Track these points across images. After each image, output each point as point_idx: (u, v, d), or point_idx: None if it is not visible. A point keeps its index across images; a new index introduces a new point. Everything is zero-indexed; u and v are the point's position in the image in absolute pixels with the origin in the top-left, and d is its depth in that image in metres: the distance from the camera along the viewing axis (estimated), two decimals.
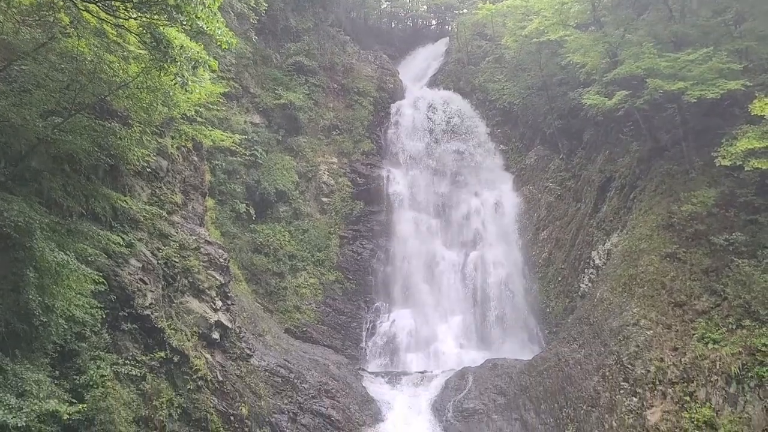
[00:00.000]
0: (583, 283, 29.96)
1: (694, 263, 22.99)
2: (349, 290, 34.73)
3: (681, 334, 21.92)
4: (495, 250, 35.96)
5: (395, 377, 30.27)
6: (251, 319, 27.20)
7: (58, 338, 15.73)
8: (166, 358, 20.69)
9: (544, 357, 27.00)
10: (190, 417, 21.30)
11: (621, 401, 22.29)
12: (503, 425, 25.33)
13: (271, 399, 24.08)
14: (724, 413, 19.64)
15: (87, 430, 17.16)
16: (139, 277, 19.86)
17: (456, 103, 42.84)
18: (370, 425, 25.53)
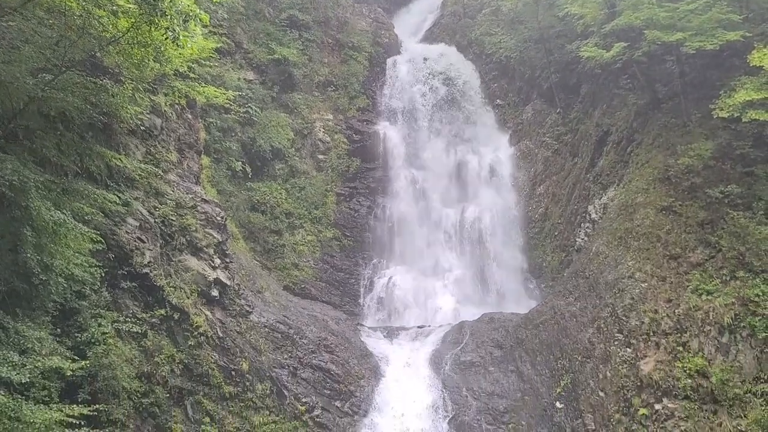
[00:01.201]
0: (579, 238, 30.14)
1: (689, 216, 23.11)
2: (347, 247, 34.90)
3: (675, 286, 22.18)
4: (491, 206, 35.99)
5: (393, 332, 30.67)
6: (250, 277, 27.39)
7: (58, 297, 15.88)
8: (167, 316, 20.96)
9: (540, 310, 27.35)
10: (191, 372, 21.68)
11: (615, 352, 22.68)
12: (500, 377, 25.82)
13: (272, 354, 24.44)
14: (716, 362, 20.03)
15: (90, 386, 17.50)
16: (137, 235, 19.94)
17: (452, 58, 42.21)
18: (369, 378, 25.98)
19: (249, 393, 22.96)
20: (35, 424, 12.63)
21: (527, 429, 23.86)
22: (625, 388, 21.86)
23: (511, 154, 37.58)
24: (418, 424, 24.52)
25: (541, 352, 25.51)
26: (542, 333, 25.95)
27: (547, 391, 24.47)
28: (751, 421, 18.52)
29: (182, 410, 21.23)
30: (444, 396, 25.44)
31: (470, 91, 40.46)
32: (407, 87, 40.13)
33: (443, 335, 29.16)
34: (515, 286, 33.89)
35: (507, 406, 24.72)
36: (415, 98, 39.80)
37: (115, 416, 18.48)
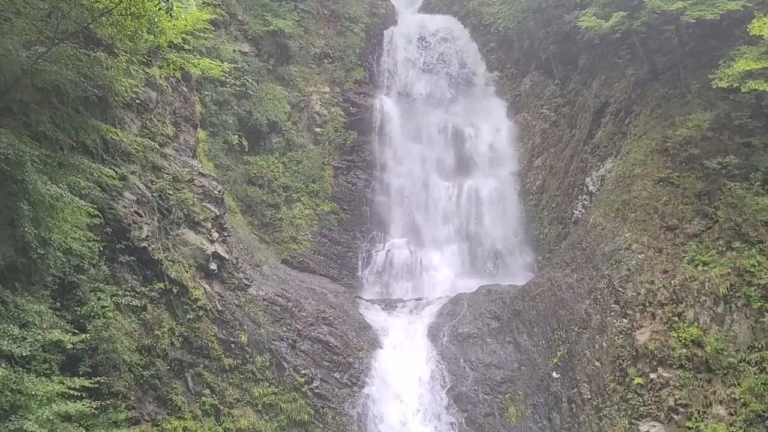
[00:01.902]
0: (576, 210, 30.17)
1: (686, 187, 23.12)
2: (345, 220, 34.92)
3: (672, 257, 22.28)
4: (489, 178, 35.98)
5: (391, 304, 30.87)
6: (248, 250, 27.44)
7: (57, 271, 15.90)
8: (165, 289, 21.03)
9: (537, 282, 27.51)
10: (191, 345, 21.84)
11: (611, 323, 22.87)
12: (497, 348, 26.07)
13: (270, 327, 24.60)
14: (711, 332, 20.22)
15: (91, 359, 17.63)
16: (134, 209, 19.90)
17: (449, 29, 41.79)
18: (368, 350, 26.20)
19: (248, 365, 23.17)
20: (37, 396, 12.76)
21: (524, 399, 24.17)
22: (620, 358, 22.10)
23: (509, 126, 37.43)
24: (416, 394, 24.83)
25: (538, 324, 25.72)
26: (539, 304, 26.13)
27: (543, 361, 24.74)
28: (745, 389, 18.76)
29: (183, 382, 21.43)
30: (442, 367, 25.72)
31: (468, 62, 40.15)
32: (404, 58, 39.79)
33: (441, 307, 29.37)
34: (512, 259, 34.03)
35: (504, 376, 25.01)
36: (412, 70, 39.49)
37: (117, 388, 18.67)
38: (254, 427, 22.42)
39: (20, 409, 12.49)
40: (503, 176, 36.08)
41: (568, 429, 22.79)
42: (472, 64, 40.14)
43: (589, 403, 22.53)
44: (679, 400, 20.26)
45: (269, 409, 23.07)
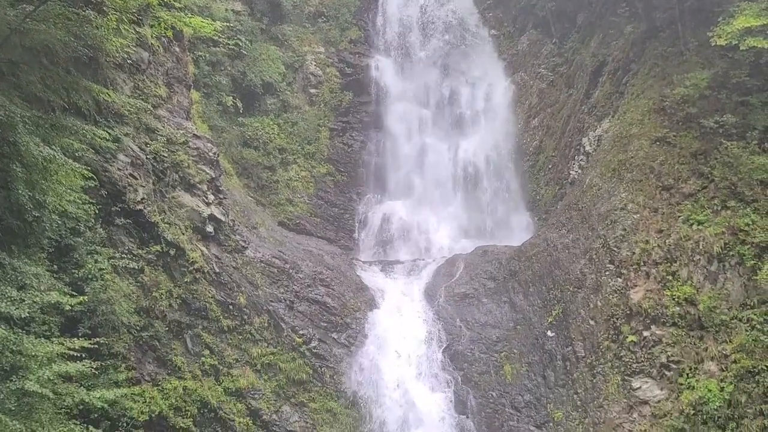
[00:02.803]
0: (572, 170, 30.13)
1: (683, 147, 23.05)
2: (341, 182, 34.86)
3: (667, 216, 22.35)
4: (486, 139, 35.80)
5: (388, 266, 31.05)
6: (244, 213, 27.44)
7: (53, 233, 15.90)
8: (162, 252, 21.08)
9: (533, 242, 27.64)
10: (190, 307, 22.02)
11: (606, 282, 23.07)
12: (493, 308, 26.34)
13: (268, 288, 24.77)
14: (704, 290, 20.43)
15: (90, 320, 17.78)
16: (129, 172, 19.81)
17: None
18: (365, 311, 26.45)
19: (247, 326, 23.41)
20: (37, 357, 12.88)
21: (519, 357, 24.53)
22: (614, 317, 22.36)
23: (506, 86, 37.08)
24: (413, 353, 25.16)
25: (534, 284, 25.93)
26: (535, 265, 26.30)
27: (538, 320, 25.03)
28: (736, 346, 19.04)
29: (182, 343, 21.68)
30: (438, 327, 26.03)
31: (465, 20, 39.47)
32: (400, 17, 39.10)
33: (437, 268, 29.57)
34: (509, 219, 34.12)
35: (500, 335, 25.33)
36: (408, 29, 38.88)
37: (116, 349, 18.90)
38: (254, 386, 22.77)
39: (21, 370, 12.62)
40: (500, 137, 35.89)
41: (562, 386, 23.20)
42: (469, 22, 39.49)
43: (583, 360, 22.89)
44: (671, 357, 20.59)
45: (268, 368, 23.40)
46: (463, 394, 24.01)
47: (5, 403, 12.18)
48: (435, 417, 23.59)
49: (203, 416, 21.41)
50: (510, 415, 23.35)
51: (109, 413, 18.02)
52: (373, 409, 23.72)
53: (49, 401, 13.11)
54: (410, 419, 23.60)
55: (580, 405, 22.39)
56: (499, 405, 23.66)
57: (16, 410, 12.34)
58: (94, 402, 14.39)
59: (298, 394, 23.63)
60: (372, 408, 23.76)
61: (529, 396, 23.67)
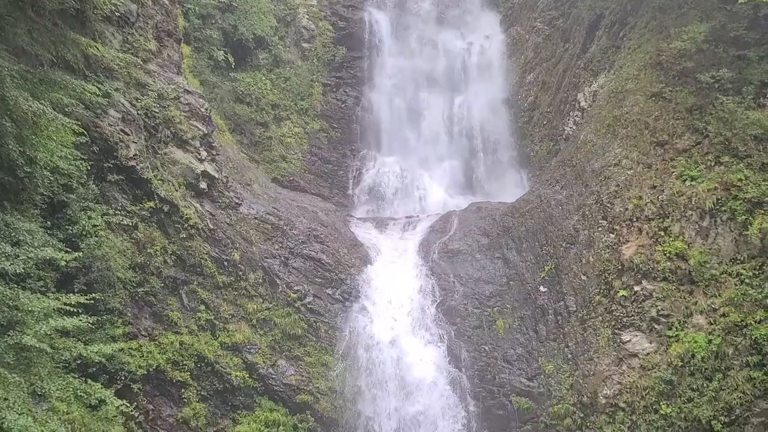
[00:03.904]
0: (567, 126, 30.01)
1: (678, 102, 22.92)
2: (334, 139, 34.64)
3: (661, 172, 22.39)
4: (480, 95, 35.50)
5: (382, 222, 31.11)
6: (238, 169, 27.31)
7: (45, 190, 15.86)
8: (156, 208, 21.07)
9: (527, 199, 27.69)
10: (184, 263, 22.13)
11: (599, 238, 23.25)
12: (486, 263, 26.54)
13: (263, 245, 24.85)
14: (695, 245, 20.62)
15: (85, 276, 17.89)
16: (120, 128, 19.63)
17: None
18: (360, 267, 26.61)
19: (242, 282, 23.57)
20: (34, 312, 12.99)
21: (512, 312, 24.86)
22: (606, 272, 22.61)
23: (501, 39, 36.58)
24: (406, 308, 25.45)
25: (527, 240, 26.10)
26: (528, 221, 26.42)
27: (531, 276, 25.28)
28: (725, 300, 19.34)
29: (178, 299, 21.86)
30: (432, 282, 26.25)
31: None
32: None
33: (431, 225, 29.65)
34: (503, 176, 34.13)
35: (493, 290, 25.60)
36: None
37: (112, 305, 19.06)
38: (250, 341, 23.08)
39: (18, 325, 12.74)
40: (495, 92, 35.59)
41: (553, 340, 23.59)
42: None
43: (575, 315, 23.24)
44: (661, 311, 20.92)
45: (263, 323, 23.67)
46: (456, 347, 24.39)
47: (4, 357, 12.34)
48: (428, 370, 23.98)
49: (200, 370, 21.77)
50: (502, 368, 23.79)
51: (107, 367, 18.33)
52: (367, 363, 24.09)
53: (47, 355, 13.29)
54: (404, 373, 23.99)
55: (571, 358, 22.82)
56: (492, 358, 24.07)
57: (14, 364, 12.51)
58: (92, 356, 14.58)
59: (294, 349, 23.96)
60: (366, 362, 24.13)
61: (521, 349, 24.07)
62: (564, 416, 22.10)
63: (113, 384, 18.32)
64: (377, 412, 23.42)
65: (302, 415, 23.17)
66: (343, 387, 23.70)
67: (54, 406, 14.27)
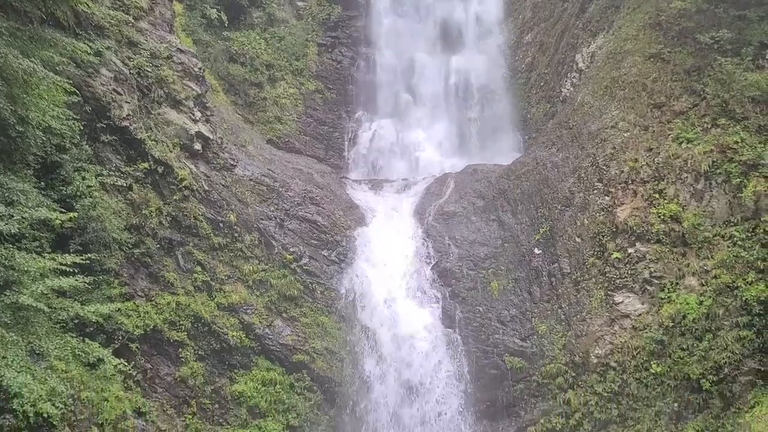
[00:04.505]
0: (564, 88, 29.77)
1: (677, 63, 22.73)
2: (330, 100, 34.32)
3: (657, 134, 22.33)
4: (477, 56, 35.07)
5: (378, 184, 31.06)
6: (232, 131, 27.11)
7: (38, 150, 15.73)
8: (150, 169, 20.95)
9: (523, 161, 27.63)
10: (180, 224, 22.12)
11: (594, 200, 23.30)
12: (481, 226, 26.62)
13: (258, 206, 24.83)
14: (689, 208, 20.70)
15: (81, 237, 17.88)
16: (113, 87, 19.40)
17: None
18: (355, 229, 26.67)
19: (238, 243, 23.62)
20: (30, 272, 13.02)
21: (506, 273, 25.04)
22: (600, 234, 22.73)
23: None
24: (402, 270, 25.61)
25: (523, 202, 26.13)
26: (524, 183, 26.41)
27: (526, 238, 25.39)
28: (717, 262, 19.52)
29: (173, 260, 21.92)
30: (427, 244, 26.37)
31: None
32: None
33: (427, 187, 29.63)
34: (499, 138, 33.94)
35: (487, 253, 25.74)
36: None
37: (108, 266, 19.10)
38: (246, 302, 23.25)
39: (14, 285, 12.80)
40: (492, 54, 35.16)
41: (547, 301, 23.84)
42: None
43: (569, 276, 23.43)
44: (654, 273, 21.12)
45: (260, 285, 23.81)
46: (450, 309, 24.65)
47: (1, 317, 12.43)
48: (423, 331, 24.27)
49: (197, 330, 21.98)
50: (496, 328, 24.07)
51: (104, 327, 18.46)
52: (363, 324, 24.35)
53: (44, 315, 13.39)
54: (399, 333, 24.28)
55: (564, 319, 23.11)
56: (486, 319, 24.33)
57: (12, 323, 12.60)
58: (89, 316, 14.67)
59: (290, 309, 24.16)
60: (362, 323, 24.39)
61: (514, 310, 24.32)
62: (556, 375, 22.48)
63: (111, 343, 18.49)
64: (372, 372, 23.74)
65: (299, 375, 23.51)
66: (339, 347, 24.01)
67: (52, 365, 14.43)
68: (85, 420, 16.18)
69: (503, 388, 23.42)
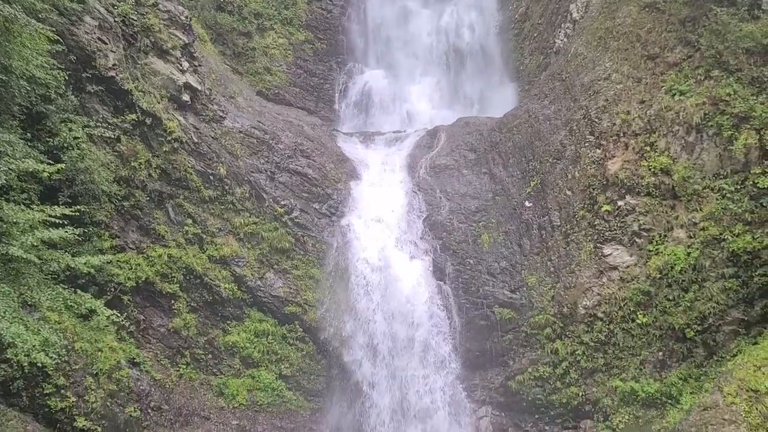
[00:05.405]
0: (558, 39, 29.36)
1: (672, 13, 22.39)
2: (320, 51, 33.75)
3: (650, 86, 22.16)
4: (470, 6, 34.47)
5: (369, 137, 30.83)
6: (221, 82, 26.69)
7: (23, 100, 15.49)
8: (138, 121, 20.67)
9: (515, 114, 27.43)
10: (169, 177, 21.97)
11: (585, 153, 23.27)
12: (473, 179, 26.60)
13: (248, 159, 24.66)
14: (680, 160, 20.71)
15: (69, 189, 17.76)
16: (97, 36, 18.95)
17: None
18: (346, 182, 26.59)
19: (228, 196, 23.55)
20: (19, 224, 12.96)
21: (497, 226, 25.15)
22: (591, 187, 22.79)
23: None
24: (393, 223, 25.67)
25: (514, 155, 26.06)
26: (516, 136, 26.29)
27: (517, 191, 25.42)
28: (706, 214, 19.65)
29: (164, 213, 21.86)
30: (419, 198, 26.37)
31: None
32: None
33: (419, 140, 29.45)
34: (491, 90, 33.65)
35: (479, 206, 25.80)
36: None
37: (98, 218, 19.05)
38: (237, 254, 23.33)
39: (4, 236, 12.75)
40: (485, 4, 34.53)
41: (536, 253, 24.04)
42: None
43: (558, 229, 23.58)
44: (642, 225, 21.28)
45: (251, 237, 23.86)
46: (441, 261, 24.84)
47: None
48: (414, 283, 24.50)
49: (189, 282, 22.11)
50: (486, 280, 24.33)
51: (96, 279, 18.55)
52: (354, 276, 24.53)
53: (35, 266, 13.38)
54: (390, 286, 24.49)
55: (553, 271, 23.36)
56: (476, 271, 24.56)
57: (2, 275, 12.61)
58: (80, 267, 14.69)
59: (281, 262, 24.29)
60: (353, 275, 24.56)
61: (504, 263, 24.53)
62: (544, 326, 22.86)
63: (103, 295, 18.60)
64: (365, 318, 23.95)
65: (291, 326, 23.81)
66: (330, 299, 24.23)
67: (45, 316, 14.53)
68: (79, 370, 16.42)
69: (492, 339, 23.83)
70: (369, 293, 24.41)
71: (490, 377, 23.88)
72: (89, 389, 16.53)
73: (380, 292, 24.43)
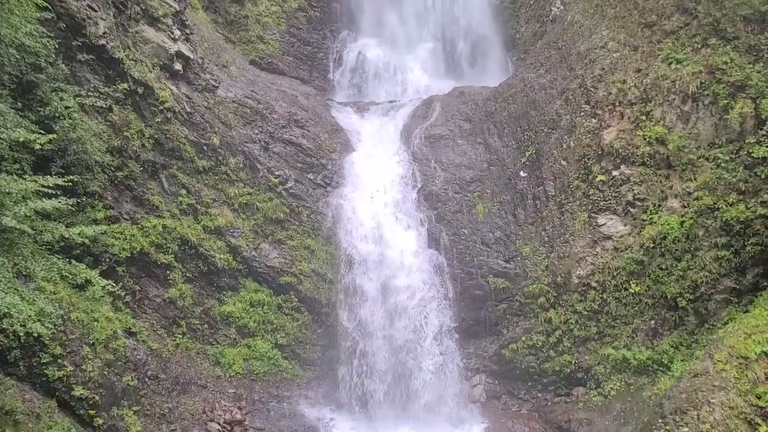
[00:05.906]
0: (555, 6, 29.03)
1: None
2: (314, 19, 33.27)
3: (647, 55, 21.99)
4: None
5: (364, 107, 30.61)
6: (213, 50, 26.35)
7: (12, 69, 15.30)
8: (130, 90, 20.47)
9: (510, 83, 27.25)
10: (163, 147, 21.83)
11: (580, 123, 23.18)
12: (467, 149, 26.51)
13: (242, 129, 24.50)
14: (675, 130, 20.66)
15: (62, 159, 17.66)
16: (87, 3, 18.67)
17: None
18: (341, 152, 26.48)
19: (222, 167, 23.45)
20: (11, 194, 12.89)
21: (491, 196, 25.17)
22: (586, 157, 22.76)
23: None
24: (388, 194, 25.64)
25: (509, 125, 25.96)
26: (511, 106, 26.15)
27: (512, 161, 25.38)
28: (700, 183, 19.68)
29: (158, 183, 21.78)
30: (413, 168, 26.29)
31: None
32: None
33: (413, 110, 29.24)
34: (487, 59, 33.36)
35: (473, 176, 25.76)
36: None
37: (92, 189, 18.97)
38: (232, 225, 23.33)
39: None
40: None
41: (531, 223, 24.12)
42: None
43: (553, 199, 23.62)
44: (637, 195, 21.32)
45: (245, 208, 23.83)
46: (436, 231, 24.89)
47: None
48: (408, 253, 24.58)
49: (184, 253, 22.13)
50: (480, 250, 24.43)
51: (91, 249, 18.55)
52: (349, 246, 24.58)
53: (29, 237, 13.35)
54: (385, 255, 24.56)
55: (548, 240, 23.46)
56: (471, 241, 24.64)
57: None
58: (74, 237, 14.67)
59: (276, 232, 24.31)
60: (348, 245, 24.61)
61: (499, 233, 24.62)
62: (538, 295, 23.05)
63: (98, 266, 18.62)
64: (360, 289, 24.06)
65: (286, 296, 23.93)
66: (325, 269, 24.32)
67: (40, 286, 14.56)
68: (76, 339, 16.51)
69: (487, 308, 24.04)
70: (364, 263, 24.48)
71: (484, 346, 24.14)
72: (86, 359, 16.65)
73: (375, 263, 24.51)
